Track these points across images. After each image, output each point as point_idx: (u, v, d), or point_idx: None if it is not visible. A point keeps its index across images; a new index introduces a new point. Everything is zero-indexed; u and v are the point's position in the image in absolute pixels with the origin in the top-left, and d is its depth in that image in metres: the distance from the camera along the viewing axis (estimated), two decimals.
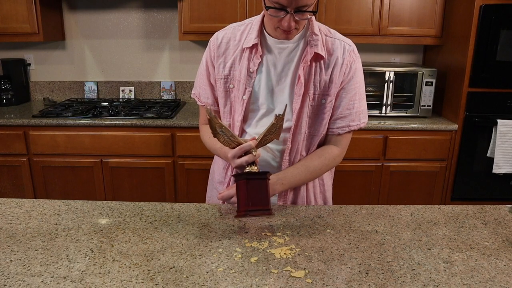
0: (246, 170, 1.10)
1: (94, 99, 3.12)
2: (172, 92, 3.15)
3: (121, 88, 3.16)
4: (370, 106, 2.71)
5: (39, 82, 3.16)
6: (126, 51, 3.11)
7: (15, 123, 2.53)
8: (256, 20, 1.26)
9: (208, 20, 2.68)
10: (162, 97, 3.15)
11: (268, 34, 1.23)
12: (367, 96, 2.86)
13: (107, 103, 2.95)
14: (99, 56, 3.12)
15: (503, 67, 2.45)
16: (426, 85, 2.64)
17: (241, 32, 1.27)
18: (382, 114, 2.72)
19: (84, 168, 2.61)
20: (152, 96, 3.18)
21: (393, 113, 2.72)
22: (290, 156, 1.28)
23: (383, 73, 2.66)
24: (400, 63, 3.03)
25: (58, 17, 2.99)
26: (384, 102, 2.69)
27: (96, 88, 3.14)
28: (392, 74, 2.64)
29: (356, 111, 1.27)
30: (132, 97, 3.16)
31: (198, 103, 1.38)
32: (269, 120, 1.25)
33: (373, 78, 2.80)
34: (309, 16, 1.13)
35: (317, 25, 1.24)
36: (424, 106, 2.68)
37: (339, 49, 1.23)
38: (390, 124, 2.57)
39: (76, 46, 3.10)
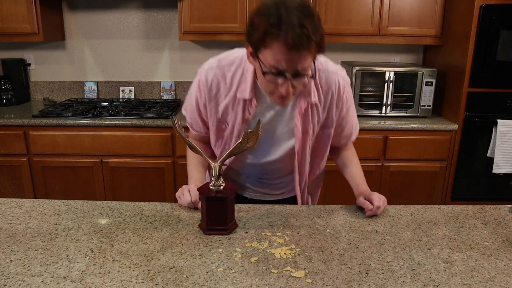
0: (210, 186, 1.09)
1: (94, 99, 3.12)
2: (172, 92, 3.15)
3: (121, 88, 3.16)
4: (370, 106, 2.71)
5: (39, 82, 3.16)
6: (126, 51, 3.11)
7: (15, 123, 2.53)
8: (249, 70, 1.18)
9: (208, 20, 2.68)
10: (162, 97, 3.15)
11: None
12: (367, 96, 2.86)
13: (107, 103, 2.94)
14: (99, 56, 3.12)
15: (503, 67, 2.45)
16: (426, 85, 2.64)
17: (231, 75, 1.20)
18: (382, 114, 2.72)
19: (84, 168, 2.61)
20: (152, 96, 3.18)
21: (393, 113, 2.71)
22: (300, 179, 1.36)
23: (383, 73, 2.65)
24: (400, 63, 3.03)
25: (58, 17, 2.99)
26: (384, 102, 2.69)
27: (96, 88, 3.14)
28: (392, 74, 2.64)
29: (354, 128, 1.40)
30: (132, 97, 3.15)
31: (192, 131, 1.38)
32: (257, 153, 1.32)
33: (373, 78, 2.80)
34: (306, 81, 1.09)
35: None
36: (424, 106, 2.68)
37: (333, 85, 1.23)
38: (390, 124, 2.57)
39: (76, 46, 3.10)
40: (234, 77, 1.20)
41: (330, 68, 1.23)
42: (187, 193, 1.21)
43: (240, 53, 1.21)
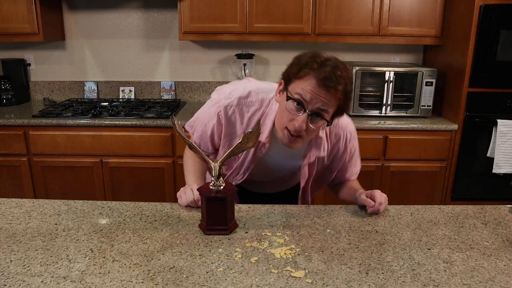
0: (210, 186, 1.10)
1: (94, 99, 3.12)
2: (172, 92, 3.15)
3: (121, 88, 3.16)
4: (370, 106, 2.71)
5: (39, 82, 3.16)
6: (126, 51, 3.11)
7: (15, 123, 2.52)
8: (269, 115, 1.23)
9: (208, 20, 2.68)
10: (162, 97, 3.15)
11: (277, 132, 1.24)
12: (367, 96, 2.86)
13: (107, 103, 2.94)
14: (99, 56, 3.12)
15: (503, 67, 2.45)
16: (426, 85, 2.64)
17: (249, 116, 1.25)
18: (382, 114, 2.72)
19: (84, 168, 2.61)
20: (152, 96, 3.18)
21: (393, 113, 2.71)
22: (303, 198, 1.44)
23: (383, 73, 2.65)
24: (400, 63, 3.03)
25: (58, 17, 2.99)
26: (384, 102, 2.69)
27: (96, 88, 3.14)
28: (392, 74, 2.64)
29: (355, 172, 1.46)
30: (132, 97, 3.15)
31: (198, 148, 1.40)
32: (263, 177, 1.41)
33: (373, 78, 2.80)
34: (320, 126, 1.13)
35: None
36: (424, 106, 2.68)
37: (341, 140, 1.32)
38: (390, 124, 2.57)
39: (76, 46, 3.10)
40: (252, 119, 1.25)
41: (341, 122, 1.30)
42: (190, 192, 1.23)
43: (260, 95, 1.26)
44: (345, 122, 1.33)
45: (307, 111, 1.08)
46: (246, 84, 1.31)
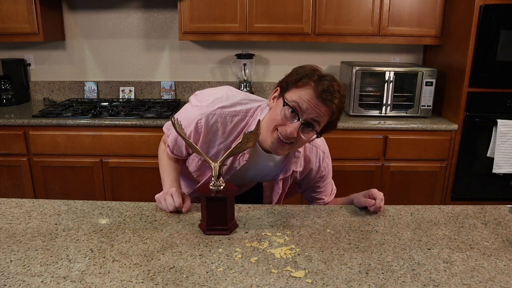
0: (210, 186, 1.10)
1: (94, 99, 3.12)
2: (172, 92, 3.15)
3: (121, 88, 3.16)
4: (370, 106, 2.71)
5: (39, 82, 3.16)
6: (126, 51, 3.11)
7: (15, 123, 2.52)
8: (252, 125, 1.21)
9: (208, 20, 2.68)
10: (162, 97, 3.15)
11: (259, 144, 1.22)
12: (367, 96, 2.86)
13: (107, 103, 2.94)
14: (99, 56, 3.12)
15: (503, 67, 2.45)
16: (426, 85, 2.64)
17: (232, 126, 1.22)
18: (382, 114, 2.72)
19: (84, 168, 2.61)
20: (152, 96, 3.18)
21: (393, 113, 2.71)
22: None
23: (383, 73, 2.65)
24: (400, 63, 3.03)
25: (58, 17, 2.99)
26: (384, 102, 2.69)
27: (96, 88, 3.14)
28: (392, 74, 2.64)
29: (332, 193, 1.46)
30: (132, 97, 3.15)
31: (170, 154, 1.39)
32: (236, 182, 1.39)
33: (373, 78, 2.80)
34: (310, 137, 1.13)
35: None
36: (424, 106, 2.68)
37: (314, 158, 1.33)
38: (390, 124, 2.57)
39: (76, 46, 3.10)
40: (234, 129, 1.22)
41: (316, 141, 1.31)
42: (170, 198, 1.20)
43: (244, 105, 1.23)
44: (320, 142, 1.34)
45: (300, 119, 1.09)
46: (229, 92, 1.26)
